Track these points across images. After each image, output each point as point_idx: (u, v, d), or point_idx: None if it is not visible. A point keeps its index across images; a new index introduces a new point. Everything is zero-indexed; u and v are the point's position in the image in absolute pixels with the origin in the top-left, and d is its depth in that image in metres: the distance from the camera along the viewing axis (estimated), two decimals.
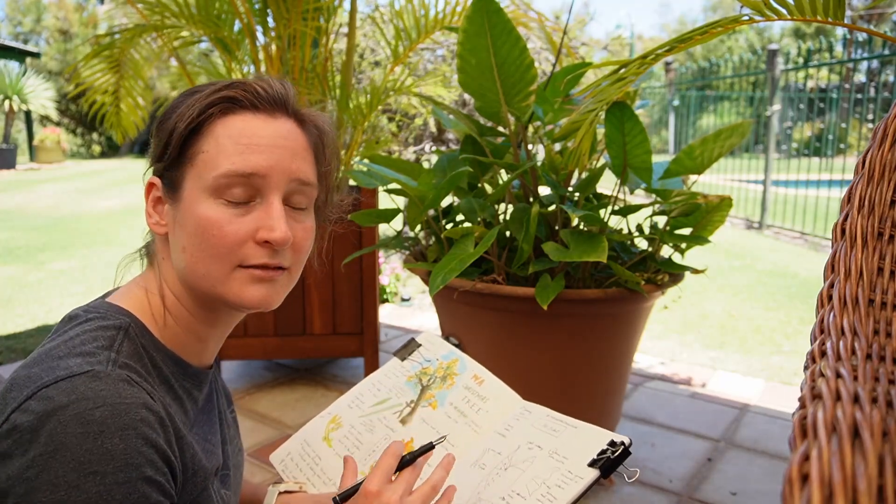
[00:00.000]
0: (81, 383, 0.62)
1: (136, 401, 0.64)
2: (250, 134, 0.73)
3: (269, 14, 2.45)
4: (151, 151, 0.77)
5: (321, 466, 0.99)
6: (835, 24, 1.25)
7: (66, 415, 0.60)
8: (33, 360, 0.67)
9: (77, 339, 0.68)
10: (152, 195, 0.76)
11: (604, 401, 1.80)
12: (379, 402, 1.03)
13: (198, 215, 0.71)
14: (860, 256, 0.69)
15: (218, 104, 0.73)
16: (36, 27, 21.51)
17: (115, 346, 0.68)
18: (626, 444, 0.82)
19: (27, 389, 0.63)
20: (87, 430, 0.60)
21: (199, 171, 0.72)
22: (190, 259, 0.73)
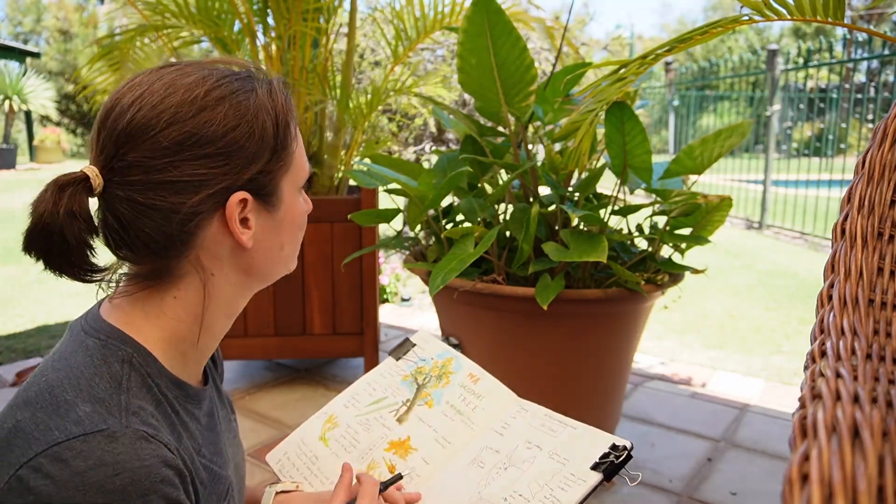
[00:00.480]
0: (97, 446, 0.60)
1: (155, 461, 0.62)
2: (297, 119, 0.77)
3: (269, 14, 2.45)
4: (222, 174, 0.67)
5: (318, 466, 0.99)
6: (835, 24, 1.25)
7: (85, 482, 0.58)
8: (36, 398, 0.64)
9: (83, 374, 0.65)
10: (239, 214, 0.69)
11: (604, 401, 1.80)
12: (375, 402, 1.04)
13: (298, 213, 0.76)
14: (860, 256, 0.69)
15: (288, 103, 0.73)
16: (36, 27, 21.52)
17: (124, 384, 0.65)
18: (628, 448, 0.82)
19: (36, 442, 0.60)
20: (109, 499, 0.58)
21: (294, 172, 0.74)
22: (288, 254, 0.77)
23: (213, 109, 0.66)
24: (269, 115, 0.70)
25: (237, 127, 0.67)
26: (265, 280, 0.78)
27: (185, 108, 0.66)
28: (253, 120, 0.68)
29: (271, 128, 0.70)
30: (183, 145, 0.65)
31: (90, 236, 0.68)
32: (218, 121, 0.66)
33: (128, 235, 0.68)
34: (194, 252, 0.70)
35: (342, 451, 0.99)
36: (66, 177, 0.65)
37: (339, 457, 0.98)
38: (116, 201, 0.66)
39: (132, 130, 0.65)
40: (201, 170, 0.66)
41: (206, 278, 0.71)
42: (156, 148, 0.65)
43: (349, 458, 0.98)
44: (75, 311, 3.46)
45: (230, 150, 0.67)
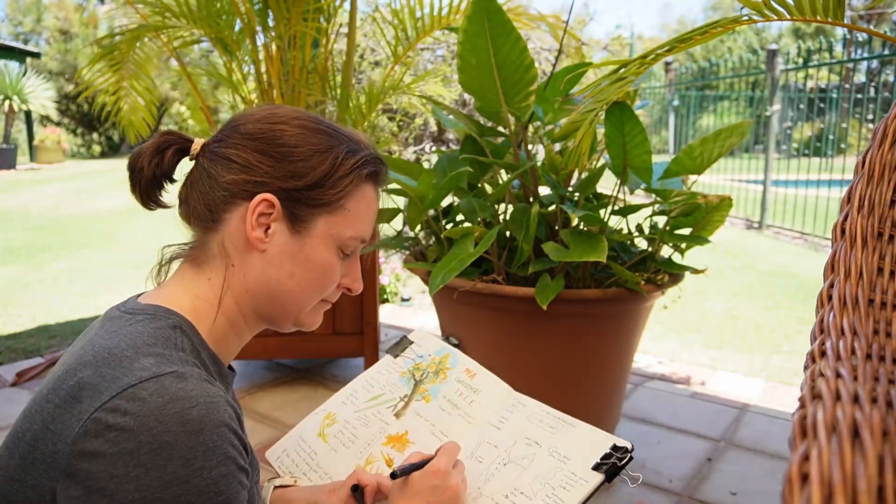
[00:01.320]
0: (170, 384, 0.65)
1: (221, 399, 0.67)
2: (375, 208, 0.84)
3: (269, 14, 2.45)
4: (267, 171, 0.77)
5: (317, 461, 0.99)
6: (835, 24, 1.25)
7: (164, 414, 0.63)
8: (94, 359, 0.68)
9: (138, 338, 0.70)
10: (260, 210, 0.76)
11: (604, 401, 1.80)
12: (373, 398, 1.05)
13: (323, 258, 0.80)
14: (860, 256, 0.69)
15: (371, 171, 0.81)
16: (36, 27, 21.51)
17: (178, 344, 0.72)
18: (629, 450, 0.83)
19: (108, 390, 0.64)
20: (187, 428, 0.63)
21: (337, 222, 0.79)
22: (296, 287, 0.80)
23: (295, 128, 0.78)
24: (334, 160, 0.78)
25: (299, 146, 0.78)
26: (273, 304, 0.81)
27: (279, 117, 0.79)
28: (317, 151, 0.78)
29: (327, 167, 0.78)
30: (254, 136, 0.78)
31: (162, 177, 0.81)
32: (291, 134, 0.78)
33: (188, 193, 0.80)
34: (221, 234, 0.78)
35: (340, 447, 0.99)
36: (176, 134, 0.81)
37: (337, 452, 0.99)
38: (197, 166, 0.80)
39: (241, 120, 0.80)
40: (253, 160, 0.77)
41: (227, 265, 0.79)
42: (239, 131, 0.79)
43: (347, 453, 0.98)
44: (75, 311, 3.46)
45: (282, 157, 0.77)
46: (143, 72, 2.69)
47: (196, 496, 0.62)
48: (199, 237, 0.80)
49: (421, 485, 0.80)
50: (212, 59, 3.00)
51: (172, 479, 0.61)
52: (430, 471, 0.80)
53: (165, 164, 0.80)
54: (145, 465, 0.61)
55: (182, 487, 0.62)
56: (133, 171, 0.80)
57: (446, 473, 0.80)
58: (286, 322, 0.83)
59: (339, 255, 0.81)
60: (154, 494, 0.61)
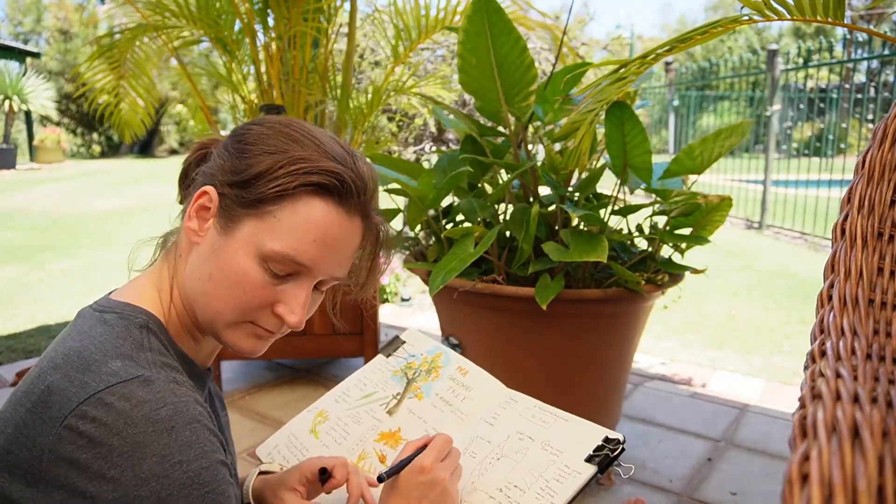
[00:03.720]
0: (137, 388, 0.65)
1: (190, 398, 0.67)
2: (324, 229, 0.72)
3: (269, 14, 2.45)
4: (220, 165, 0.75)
5: (307, 456, 1.00)
6: (835, 24, 1.25)
7: (133, 417, 0.63)
8: (63, 362, 0.67)
9: (106, 340, 0.69)
10: (200, 202, 0.74)
11: (604, 400, 1.80)
12: (365, 396, 1.05)
13: (240, 266, 0.72)
14: (860, 256, 0.69)
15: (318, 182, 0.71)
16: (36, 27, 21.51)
17: (146, 345, 0.71)
18: (621, 441, 0.83)
19: (76, 395, 0.64)
20: (158, 427, 0.63)
21: (262, 230, 0.71)
22: (211, 292, 0.73)
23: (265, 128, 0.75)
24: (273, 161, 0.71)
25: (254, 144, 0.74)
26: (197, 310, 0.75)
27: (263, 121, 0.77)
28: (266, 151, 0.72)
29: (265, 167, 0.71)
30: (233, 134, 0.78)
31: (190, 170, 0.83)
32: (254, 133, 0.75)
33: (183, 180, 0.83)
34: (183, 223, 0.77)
35: (332, 443, 1.00)
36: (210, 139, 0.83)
37: (329, 449, 0.99)
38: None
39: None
40: (217, 153, 0.77)
41: (177, 256, 0.78)
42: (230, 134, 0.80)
43: (340, 450, 0.99)
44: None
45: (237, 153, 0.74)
46: (143, 71, 2.69)
47: (178, 490, 0.63)
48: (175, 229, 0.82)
49: (408, 483, 0.78)
50: (212, 59, 3.00)
51: (149, 476, 0.62)
52: (416, 468, 0.78)
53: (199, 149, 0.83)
54: (120, 466, 0.61)
55: (160, 483, 0.62)
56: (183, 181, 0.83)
57: (432, 469, 0.78)
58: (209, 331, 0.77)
59: (265, 271, 0.72)
60: (133, 493, 0.61)
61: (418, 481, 0.78)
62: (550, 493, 0.81)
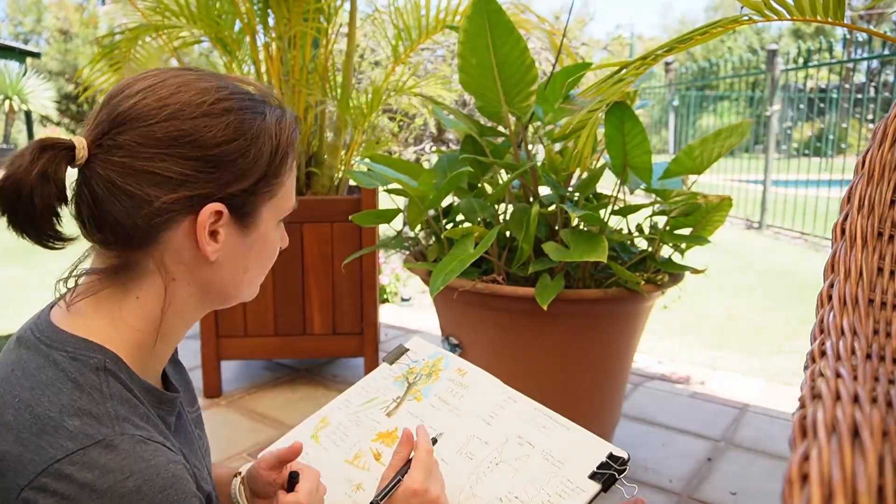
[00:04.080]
0: (99, 455, 0.59)
1: (161, 459, 0.62)
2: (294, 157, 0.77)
3: (269, 14, 2.45)
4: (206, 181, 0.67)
5: (307, 460, 1.00)
6: (835, 24, 1.25)
7: (97, 492, 0.58)
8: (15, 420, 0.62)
9: (61, 391, 0.63)
10: (211, 222, 0.68)
11: (604, 401, 1.80)
12: (367, 402, 1.06)
13: (271, 242, 0.76)
14: (860, 256, 0.69)
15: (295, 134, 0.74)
16: (36, 27, 21.51)
17: (106, 392, 0.64)
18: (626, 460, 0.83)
19: (31, 465, 0.59)
20: (125, 500, 0.58)
21: (278, 201, 0.74)
22: (250, 277, 0.76)
23: (217, 118, 0.67)
24: (270, 141, 0.70)
25: (234, 141, 0.67)
26: (222, 299, 0.76)
27: (189, 108, 0.66)
28: (252, 140, 0.69)
29: (268, 153, 0.70)
30: (176, 141, 0.65)
31: (58, 203, 0.66)
32: (217, 129, 0.66)
33: (97, 215, 0.66)
34: (159, 251, 0.68)
35: (332, 446, 1.01)
36: (50, 139, 0.64)
37: (328, 451, 1.00)
38: (94, 178, 0.65)
39: (132, 114, 0.65)
40: (186, 170, 0.65)
41: (167, 281, 0.69)
42: (149, 136, 0.64)
43: (338, 451, 0.99)
44: None
45: (220, 161, 0.67)
46: None
47: None
48: (119, 255, 0.68)
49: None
50: (212, 59, 3.00)
51: None
52: (409, 492, 0.77)
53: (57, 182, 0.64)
54: None
55: None
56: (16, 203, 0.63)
57: (425, 490, 0.77)
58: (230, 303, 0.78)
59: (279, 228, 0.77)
60: None
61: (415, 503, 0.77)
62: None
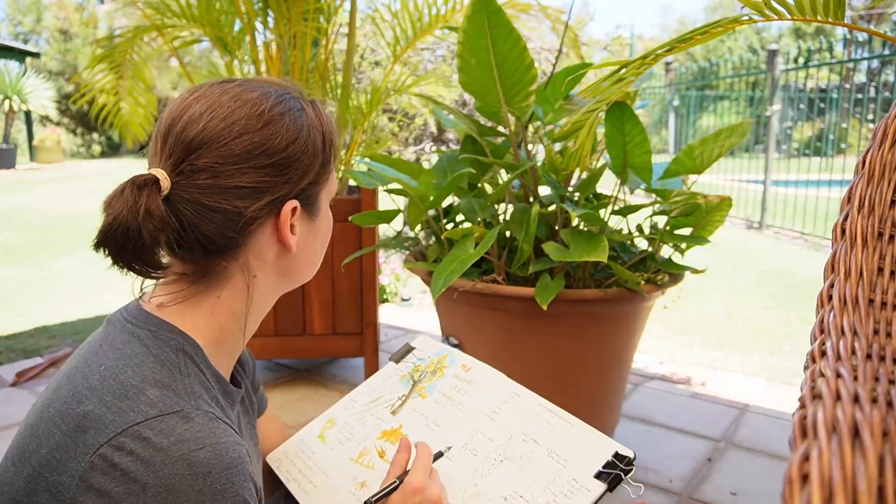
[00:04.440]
0: (176, 424, 0.63)
1: (230, 439, 0.65)
2: None
3: (269, 14, 2.45)
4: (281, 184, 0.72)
5: (314, 460, 1.01)
6: (835, 24, 1.25)
7: (170, 456, 0.61)
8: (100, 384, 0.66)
9: (143, 363, 0.68)
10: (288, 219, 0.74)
11: (603, 401, 1.80)
12: (373, 401, 1.06)
13: (329, 221, 0.84)
14: (860, 256, 0.69)
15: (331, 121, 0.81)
16: (36, 27, 21.51)
17: (183, 371, 0.69)
18: (632, 459, 0.82)
19: (113, 424, 0.63)
20: (194, 471, 0.61)
21: (330, 185, 0.81)
22: (317, 258, 0.83)
23: (277, 124, 0.72)
24: (318, 131, 0.77)
25: (296, 140, 0.73)
26: (296, 283, 0.83)
27: (253, 121, 0.71)
28: (307, 135, 0.75)
29: (321, 143, 0.77)
30: (252, 154, 0.70)
31: (162, 235, 0.68)
32: (281, 134, 0.72)
33: (187, 236, 0.70)
34: (244, 254, 0.74)
35: (337, 445, 1.01)
36: (142, 177, 0.68)
37: (333, 450, 1.00)
38: (181, 203, 0.69)
39: (204, 138, 0.69)
40: (265, 178, 0.71)
41: (250, 280, 0.75)
42: (227, 154, 0.69)
43: (344, 450, 0.99)
44: (75, 311, 3.46)
45: (290, 162, 0.73)
46: (141, 74, 2.69)
47: None
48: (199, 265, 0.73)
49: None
50: (212, 59, 3.00)
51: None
52: (409, 490, 0.78)
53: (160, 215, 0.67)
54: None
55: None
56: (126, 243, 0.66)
57: (424, 489, 0.78)
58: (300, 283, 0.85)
59: None
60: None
61: (413, 502, 0.78)
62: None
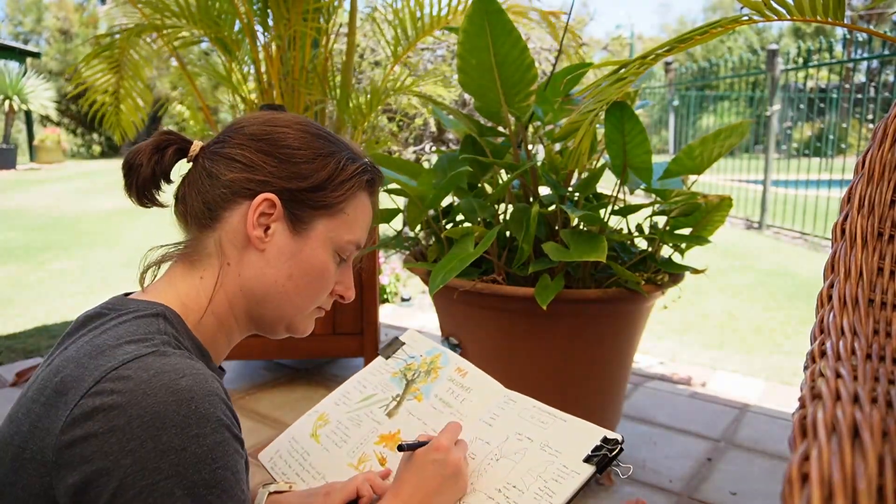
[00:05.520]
0: (153, 361, 0.65)
1: (207, 371, 0.68)
2: (370, 215, 0.87)
3: (269, 14, 2.45)
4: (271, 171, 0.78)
5: (309, 462, 1.00)
6: (835, 24, 1.25)
7: (152, 386, 0.62)
8: (76, 353, 0.68)
9: (120, 329, 0.70)
10: (261, 210, 0.77)
11: (604, 401, 1.80)
12: (365, 399, 1.05)
13: (321, 261, 0.81)
14: (860, 256, 0.69)
15: (369, 179, 0.84)
16: (36, 27, 21.51)
17: (161, 329, 0.71)
18: (619, 442, 0.83)
19: (91, 376, 0.64)
20: (178, 397, 0.62)
21: (336, 226, 0.81)
22: (293, 289, 0.80)
23: (301, 133, 0.80)
24: (336, 165, 0.80)
25: (301, 149, 0.79)
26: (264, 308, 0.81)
27: (283, 121, 0.81)
28: (318, 155, 0.80)
29: (331, 171, 0.80)
30: (257, 137, 0.79)
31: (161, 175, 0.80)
32: (296, 138, 0.79)
33: (185, 192, 0.81)
34: (220, 232, 0.79)
35: (333, 447, 1.00)
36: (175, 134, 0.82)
37: (329, 452, 0.99)
38: (196, 166, 0.81)
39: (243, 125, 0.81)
40: (256, 159, 0.78)
41: (223, 264, 0.79)
42: (242, 133, 0.80)
43: (340, 452, 0.99)
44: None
45: (286, 159, 0.78)
46: (138, 73, 2.69)
47: (193, 464, 0.61)
48: (194, 236, 0.80)
49: (423, 459, 0.82)
50: (212, 59, 3.00)
51: (168, 448, 0.61)
52: (433, 447, 0.83)
53: (165, 162, 0.80)
54: (139, 438, 0.60)
55: (179, 456, 0.61)
56: (130, 168, 0.79)
57: (447, 449, 0.82)
58: (279, 326, 0.83)
59: (336, 260, 0.82)
60: (152, 465, 0.60)
61: (433, 458, 0.82)
62: (549, 494, 0.81)
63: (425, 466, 0.82)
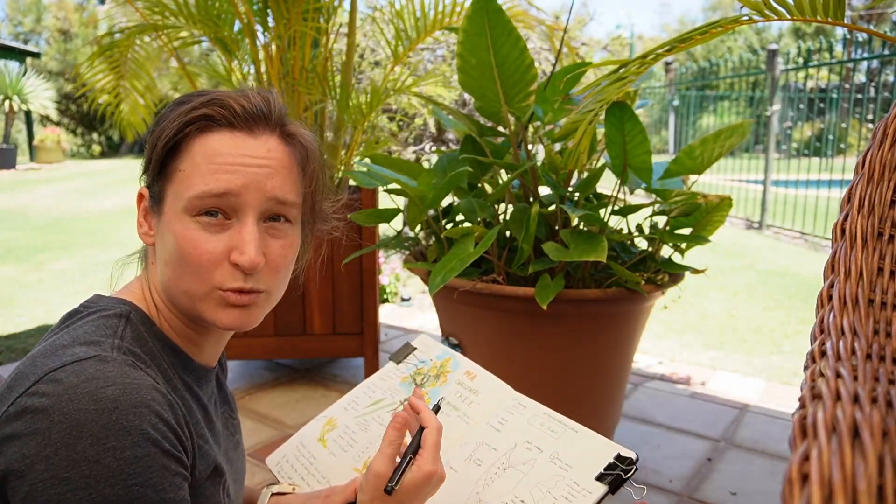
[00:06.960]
0: (89, 366, 0.63)
1: (145, 382, 0.65)
2: (224, 153, 0.71)
3: (269, 14, 2.45)
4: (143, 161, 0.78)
5: (315, 466, 0.99)
6: (835, 24, 1.25)
7: (78, 393, 0.61)
8: (38, 353, 0.69)
9: (80, 329, 0.70)
10: (143, 205, 0.78)
11: (604, 401, 1.80)
12: (373, 403, 1.05)
13: (175, 232, 0.71)
14: (860, 256, 0.68)
15: (195, 122, 0.72)
16: (36, 27, 21.51)
17: (119, 332, 0.70)
18: (634, 461, 0.81)
19: (33, 375, 0.64)
20: (100, 406, 0.60)
21: (177, 189, 0.72)
22: (171, 274, 0.73)
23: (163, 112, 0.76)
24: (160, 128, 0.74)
25: (153, 130, 0.76)
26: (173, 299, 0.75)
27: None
28: (157, 124, 0.75)
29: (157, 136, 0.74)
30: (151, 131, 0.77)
31: None
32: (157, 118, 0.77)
33: None
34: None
35: (339, 451, 0.99)
36: None
37: (336, 456, 0.99)
38: None
39: None
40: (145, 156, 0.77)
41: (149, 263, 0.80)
42: None
43: (346, 457, 0.98)
44: None
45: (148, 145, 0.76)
46: (143, 71, 2.69)
47: (106, 478, 0.59)
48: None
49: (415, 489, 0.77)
50: (212, 59, 3.00)
51: (81, 459, 0.59)
52: (422, 475, 0.77)
53: None
54: (55, 444, 0.59)
55: (91, 468, 0.59)
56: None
57: (434, 472, 0.78)
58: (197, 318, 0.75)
59: (200, 225, 0.71)
60: (63, 474, 0.58)
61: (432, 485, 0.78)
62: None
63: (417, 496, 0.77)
